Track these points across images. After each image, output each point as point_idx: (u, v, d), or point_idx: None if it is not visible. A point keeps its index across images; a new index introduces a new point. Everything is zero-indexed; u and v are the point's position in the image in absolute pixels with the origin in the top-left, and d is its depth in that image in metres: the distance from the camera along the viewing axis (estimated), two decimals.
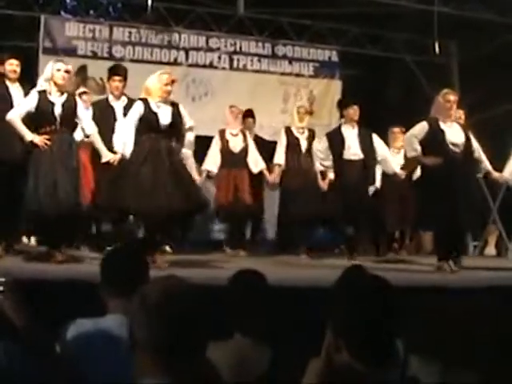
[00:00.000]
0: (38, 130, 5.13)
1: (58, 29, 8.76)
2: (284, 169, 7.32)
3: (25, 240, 6.87)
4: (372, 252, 7.38)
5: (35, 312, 2.04)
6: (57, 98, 5.21)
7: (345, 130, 6.58)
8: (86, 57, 8.82)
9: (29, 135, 5.08)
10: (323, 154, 6.60)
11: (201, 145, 7.34)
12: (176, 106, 5.36)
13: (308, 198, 7.10)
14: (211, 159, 7.15)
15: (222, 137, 7.25)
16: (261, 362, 2.35)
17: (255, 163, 7.26)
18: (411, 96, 9.81)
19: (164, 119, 5.19)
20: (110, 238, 6.01)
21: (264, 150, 7.52)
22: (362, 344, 1.78)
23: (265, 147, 7.60)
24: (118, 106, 6.11)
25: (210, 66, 9.36)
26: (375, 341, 1.78)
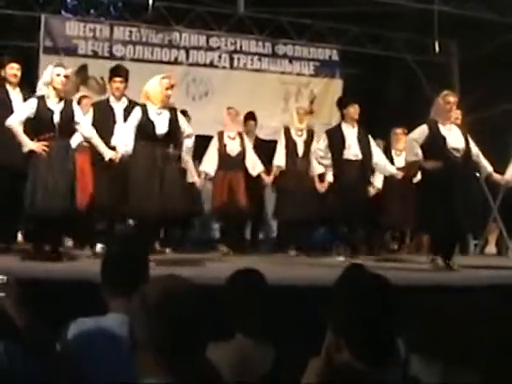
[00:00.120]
0: (36, 137, 5.15)
1: (59, 28, 8.76)
2: (281, 170, 7.35)
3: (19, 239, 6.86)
4: (367, 251, 7.34)
5: (36, 311, 2.04)
6: (55, 105, 5.22)
7: (345, 128, 6.53)
8: (86, 56, 8.83)
9: (28, 144, 5.10)
10: (323, 153, 6.53)
11: (201, 144, 7.36)
12: (174, 112, 5.43)
13: (304, 200, 7.12)
14: (209, 161, 7.16)
15: (221, 139, 7.24)
16: (262, 362, 2.36)
17: (253, 166, 7.26)
18: (411, 95, 9.82)
19: (160, 128, 5.27)
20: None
21: (265, 152, 7.53)
22: (363, 343, 1.78)
23: (266, 149, 7.60)
24: (119, 107, 6.11)
25: (211, 65, 9.37)
26: (375, 340, 1.78)
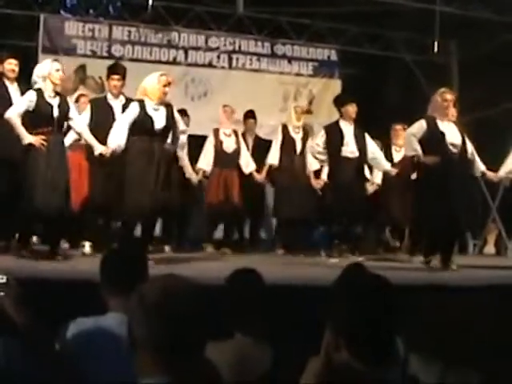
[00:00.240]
0: (34, 130, 5.15)
1: (58, 28, 8.76)
2: (278, 168, 7.38)
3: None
4: (365, 251, 7.32)
5: (36, 310, 2.03)
6: (53, 100, 5.26)
7: (343, 126, 6.56)
8: (85, 56, 8.84)
9: (27, 137, 5.10)
10: (321, 148, 6.54)
11: (200, 144, 7.36)
12: (170, 108, 5.45)
13: (301, 198, 7.13)
14: (205, 158, 7.19)
15: (217, 136, 7.27)
16: (261, 362, 2.36)
17: (246, 164, 7.33)
18: (410, 95, 9.80)
19: (159, 123, 5.29)
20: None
21: (265, 151, 7.55)
22: (362, 342, 1.77)
23: (266, 148, 7.61)
24: (117, 105, 6.12)
25: (209, 65, 9.36)
26: (375, 339, 1.78)
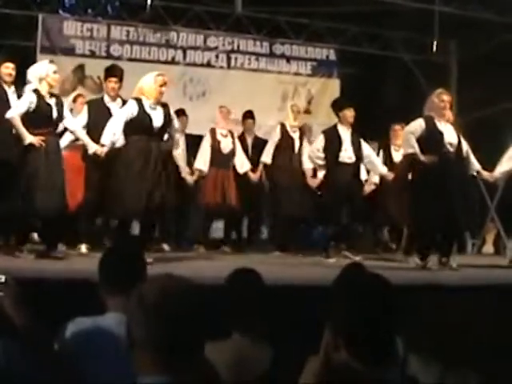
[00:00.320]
0: (34, 130, 5.15)
1: (56, 28, 8.75)
2: (276, 166, 7.38)
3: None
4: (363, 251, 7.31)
5: (35, 310, 2.03)
6: (50, 100, 5.29)
7: (341, 131, 6.54)
8: (83, 56, 8.84)
9: (28, 138, 5.11)
10: (320, 153, 6.53)
11: (198, 143, 7.36)
12: (167, 108, 5.46)
13: (299, 196, 7.14)
14: (201, 158, 7.19)
15: (213, 136, 7.27)
16: (260, 362, 2.36)
17: (241, 165, 7.35)
18: (409, 95, 9.80)
19: (157, 121, 5.30)
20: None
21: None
22: (361, 342, 1.77)
23: (264, 148, 7.60)
24: (114, 107, 6.11)
25: (208, 64, 9.35)
26: (374, 339, 1.77)
